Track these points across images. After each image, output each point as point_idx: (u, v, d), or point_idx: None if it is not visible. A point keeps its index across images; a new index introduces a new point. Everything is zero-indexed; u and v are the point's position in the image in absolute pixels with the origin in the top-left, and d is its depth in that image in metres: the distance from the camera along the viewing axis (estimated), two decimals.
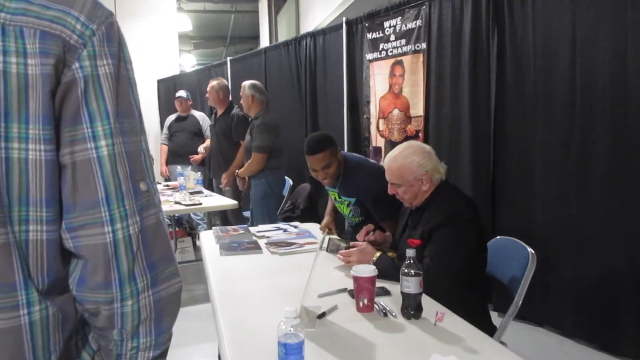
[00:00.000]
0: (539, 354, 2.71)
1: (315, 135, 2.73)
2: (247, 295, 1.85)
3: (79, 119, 0.68)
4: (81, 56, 0.68)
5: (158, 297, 0.74)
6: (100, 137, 0.69)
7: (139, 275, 0.72)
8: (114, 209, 0.70)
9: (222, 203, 4.14)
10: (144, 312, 0.73)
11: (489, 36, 3.23)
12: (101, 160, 0.69)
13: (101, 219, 0.69)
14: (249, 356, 1.37)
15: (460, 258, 1.85)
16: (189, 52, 12.92)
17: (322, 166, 2.54)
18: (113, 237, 0.70)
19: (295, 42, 5.32)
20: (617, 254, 2.66)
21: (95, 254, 0.69)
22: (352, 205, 2.63)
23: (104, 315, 0.72)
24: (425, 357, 1.29)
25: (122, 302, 0.71)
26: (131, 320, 0.73)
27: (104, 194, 0.69)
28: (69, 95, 0.67)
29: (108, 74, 0.70)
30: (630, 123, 2.56)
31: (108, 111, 0.69)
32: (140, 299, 0.72)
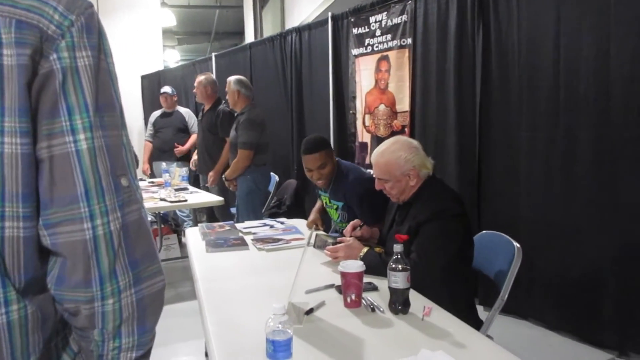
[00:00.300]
0: (524, 347, 2.74)
1: (312, 136, 2.78)
2: (233, 291, 1.84)
3: (57, 112, 0.66)
4: (59, 47, 0.65)
5: (141, 296, 0.72)
6: (79, 131, 0.67)
7: (121, 273, 0.70)
8: (93, 204, 0.67)
9: (207, 200, 4.11)
10: (125, 311, 0.71)
11: (474, 32, 3.24)
12: (80, 154, 0.67)
13: (80, 215, 0.67)
14: (236, 353, 1.36)
15: (447, 253, 1.86)
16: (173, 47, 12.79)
17: (317, 166, 2.58)
18: (93, 233, 0.67)
19: (280, 37, 5.30)
20: (600, 248, 2.69)
21: (74, 251, 0.67)
22: (340, 210, 2.64)
23: (84, 314, 0.69)
24: (413, 352, 1.30)
25: (102, 301, 0.69)
26: (112, 320, 0.70)
27: (83, 189, 0.67)
28: (47, 87, 0.65)
29: (87, 65, 0.68)
30: (612, 119, 2.59)
31: (87, 104, 0.67)
32: (121, 297, 0.70)
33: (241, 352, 1.36)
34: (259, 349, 1.24)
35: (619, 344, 2.66)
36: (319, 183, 2.67)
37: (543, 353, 2.76)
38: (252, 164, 3.97)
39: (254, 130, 3.91)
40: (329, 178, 2.62)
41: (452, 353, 1.29)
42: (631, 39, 2.48)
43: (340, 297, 1.67)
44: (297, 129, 5.18)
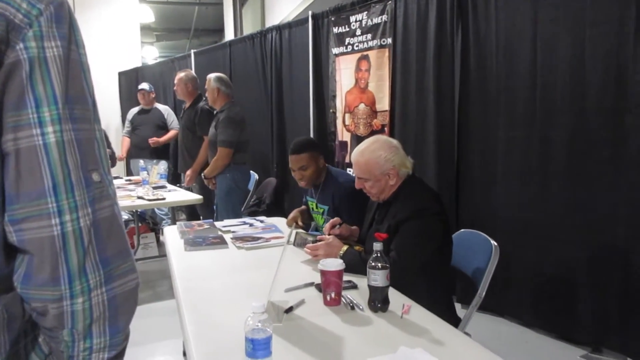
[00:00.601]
0: (501, 344, 2.78)
1: (301, 138, 2.85)
2: (212, 290, 1.83)
3: (24, 104, 0.63)
4: (26, 37, 0.63)
5: (112, 295, 0.70)
6: (47, 123, 0.64)
7: (91, 271, 0.67)
8: (62, 199, 0.65)
9: (186, 198, 4.07)
10: (96, 310, 0.68)
11: (453, 33, 3.28)
12: (48, 147, 0.64)
13: (47, 211, 0.64)
14: (215, 352, 1.35)
15: (426, 251, 1.88)
16: (152, 44, 12.64)
17: (298, 166, 2.62)
18: (61, 229, 0.65)
19: (260, 35, 5.27)
20: (574, 247, 2.75)
21: (42, 248, 0.64)
22: (326, 215, 2.65)
23: (52, 314, 0.67)
24: (392, 349, 1.30)
25: (71, 300, 0.66)
26: (82, 320, 0.68)
27: (50, 183, 0.64)
28: (12, 78, 0.63)
29: (56, 56, 0.65)
30: (588, 119, 2.64)
31: (56, 96, 0.65)
32: (92, 296, 0.67)
33: (220, 351, 1.35)
34: (238, 348, 1.23)
35: (592, 340, 2.72)
36: (301, 183, 2.70)
37: (519, 349, 2.81)
38: (232, 163, 3.94)
39: (234, 128, 3.88)
40: (310, 180, 2.65)
41: (431, 350, 1.30)
42: (605, 42, 2.53)
43: (319, 295, 1.67)
44: (277, 128, 5.16)
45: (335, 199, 2.59)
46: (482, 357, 1.30)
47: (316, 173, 2.65)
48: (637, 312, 2.49)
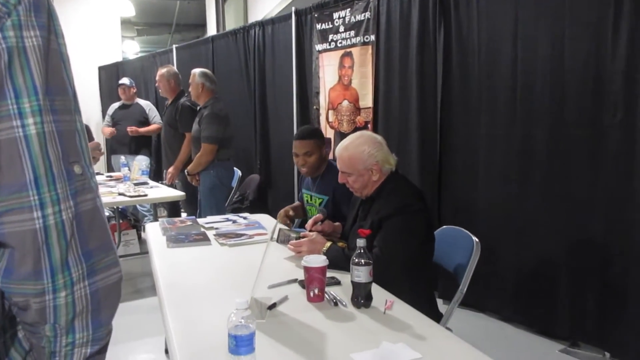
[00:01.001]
0: (481, 339, 2.81)
1: (307, 126, 2.98)
2: (195, 287, 1.82)
3: (3, 95, 0.61)
4: (5, 26, 0.61)
5: (95, 288, 0.69)
6: (28, 115, 0.63)
7: (73, 265, 0.66)
8: (44, 192, 0.63)
9: (168, 194, 4.04)
10: (79, 304, 0.67)
11: (436, 30, 3.30)
12: (28, 139, 0.63)
13: (29, 204, 0.63)
14: (198, 349, 1.34)
15: (409, 247, 1.89)
16: (132, 38, 12.47)
17: (303, 152, 2.65)
18: (43, 222, 0.63)
19: (243, 31, 5.25)
20: (554, 244, 2.80)
21: (23, 241, 0.63)
22: (322, 207, 2.65)
23: (34, 308, 0.65)
24: (375, 344, 1.31)
25: (54, 294, 0.65)
26: (65, 314, 0.67)
27: (32, 176, 0.63)
28: None
29: (35, 46, 0.64)
30: (566, 117, 2.68)
31: (36, 86, 0.63)
32: (75, 290, 0.66)
33: (203, 348, 1.35)
34: (221, 345, 1.23)
35: (570, 335, 2.77)
36: (303, 170, 2.72)
37: (500, 344, 2.85)
38: (216, 159, 3.91)
39: (218, 124, 3.86)
40: (312, 168, 2.67)
41: (413, 345, 1.31)
42: (584, 42, 2.58)
43: (303, 292, 1.68)
44: (260, 124, 5.14)
45: (336, 191, 2.59)
46: (463, 351, 1.32)
47: (319, 161, 2.67)
48: (614, 307, 2.55)
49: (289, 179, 4.70)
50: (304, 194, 2.82)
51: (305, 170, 2.70)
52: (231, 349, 1.13)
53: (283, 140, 4.82)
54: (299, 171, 2.83)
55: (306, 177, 2.78)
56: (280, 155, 4.92)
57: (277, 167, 5.05)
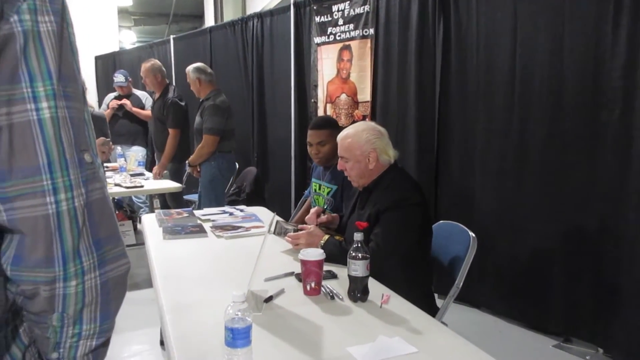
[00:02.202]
0: (476, 333, 2.83)
1: (323, 116, 3.05)
2: (191, 279, 1.82)
3: (18, 77, 0.61)
4: (20, 9, 0.61)
5: (105, 279, 0.68)
6: (42, 99, 0.62)
7: (85, 254, 0.65)
8: (57, 177, 0.62)
9: (164, 186, 4.03)
10: (89, 294, 0.66)
11: (435, 25, 3.29)
12: (42, 123, 0.62)
13: (42, 188, 0.62)
14: (193, 341, 1.34)
15: (406, 241, 1.89)
16: (129, 28, 12.38)
17: (318, 141, 2.64)
18: (56, 208, 0.62)
19: (241, 22, 5.21)
20: (549, 239, 2.81)
21: (35, 227, 0.62)
22: (330, 196, 2.65)
23: (43, 297, 0.64)
24: (371, 338, 1.32)
25: (65, 283, 0.64)
26: (74, 304, 0.66)
27: (45, 160, 0.62)
28: (6, 51, 0.60)
29: (50, 31, 0.63)
30: (564, 114, 2.68)
31: (50, 71, 0.63)
32: (85, 279, 0.66)
33: (199, 340, 1.35)
34: (216, 337, 1.23)
35: (563, 330, 2.79)
36: (316, 160, 2.73)
37: (494, 339, 2.86)
38: (217, 151, 3.91)
39: (220, 115, 3.84)
40: (326, 157, 2.66)
41: (409, 339, 1.32)
42: (583, 37, 2.57)
43: (299, 285, 1.68)
44: (257, 117, 5.13)
45: (346, 181, 2.58)
46: (458, 346, 1.33)
47: (332, 151, 2.66)
48: (607, 303, 2.57)
49: (286, 171, 4.69)
50: (313, 182, 2.82)
51: (319, 160, 2.70)
52: (227, 341, 1.13)
53: (280, 133, 4.80)
54: (314, 162, 2.81)
55: (319, 166, 2.78)
56: (278, 148, 4.91)
57: (274, 159, 5.04)
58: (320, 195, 2.72)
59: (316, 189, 2.77)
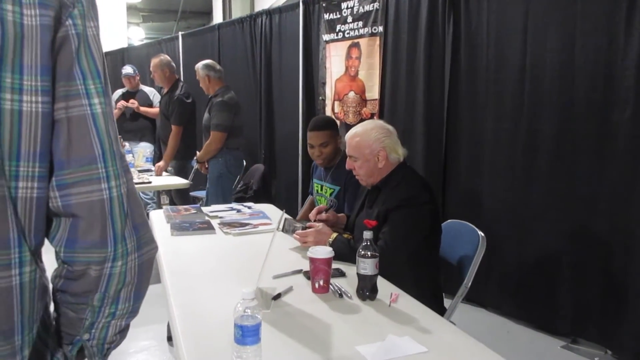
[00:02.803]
0: (483, 333, 2.80)
1: (321, 116, 2.98)
2: (199, 275, 1.82)
3: (72, 76, 0.68)
4: (73, 14, 0.68)
5: (142, 261, 0.75)
6: (93, 95, 0.69)
7: (129, 236, 0.72)
8: (109, 166, 0.70)
9: (172, 182, 4.03)
10: (129, 274, 0.73)
11: (445, 23, 3.27)
12: (95, 117, 0.69)
13: (98, 176, 0.69)
14: (202, 337, 1.34)
15: (415, 240, 1.88)
16: (138, 25, 12.43)
17: (319, 143, 2.63)
18: (109, 194, 0.69)
19: (250, 19, 5.21)
20: (557, 239, 2.79)
21: (92, 211, 0.68)
22: (333, 197, 2.64)
23: (92, 276, 0.70)
24: (380, 337, 1.31)
25: (113, 262, 0.71)
26: (116, 283, 0.72)
27: (100, 150, 0.69)
28: (63, 51, 0.67)
29: (95, 35, 0.71)
30: (575, 113, 2.66)
31: (99, 70, 0.70)
32: (128, 260, 0.72)
33: (207, 337, 1.34)
34: (225, 334, 1.23)
35: (571, 331, 2.77)
36: (318, 161, 2.71)
37: (502, 339, 2.85)
38: (225, 147, 3.90)
39: (228, 112, 3.84)
40: (328, 158, 2.66)
41: (418, 338, 1.31)
42: (595, 36, 2.55)
43: (307, 283, 1.67)
44: (265, 114, 5.13)
45: (348, 182, 2.57)
46: (468, 346, 1.32)
47: (334, 152, 2.67)
48: (615, 305, 2.54)
49: (294, 169, 4.69)
50: (315, 183, 2.80)
51: (321, 162, 2.69)
52: (237, 339, 1.12)
53: (288, 131, 4.80)
54: (314, 162, 2.79)
55: (320, 167, 2.76)
56: (285, 145, 4.90)
57: (281, 157, 5.04)
58: (323, 196, 2.72)
59: (318, 189, 2.76)
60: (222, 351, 1.22)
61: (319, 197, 2.76)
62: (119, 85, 5.91)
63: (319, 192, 2.76)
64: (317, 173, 2.81)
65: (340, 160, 2.67)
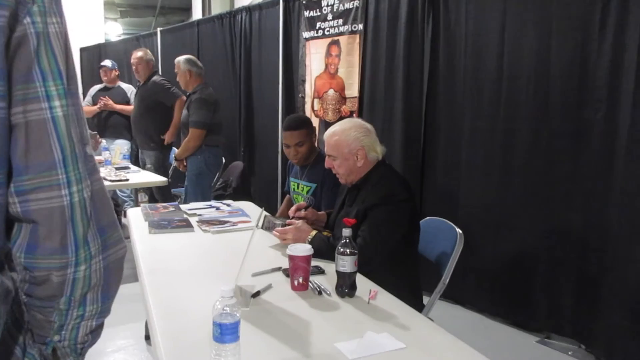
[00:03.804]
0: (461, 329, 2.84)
1: (296, 115, 2.96)
2: (178, 274, 1.80)
3: (32, 77, 0.65)
4: (31, 11, 0.65)
5: (107, 262, 0.73)
6: (54, 97, 0.67)
7: (92, 240, 0.71)
8: (70, 171, 0.68)
9: (150, 180, 3.99)
10: (94, 277, 0.72)
11: (424, 21, 3.29)
12: (56, 121, 0.67)
13: (58, 182, 0.67)
14: (180, 336, 1.33)
15: (393, 237, 1.90)
16: (115, 20, 12.24)
17: (295, 142, 2.61)
18: (70, 200, 0.67)
19: (230, 16, 5.17)
20: (533, 237, 2.83)
21: (51, 217, 0.67)
22: (309, 195, 2.64)
23: (55, 282, 0.69)
24: (359, 334, 1.32)
25: (76, 267, 0.69)
26: (81, 287, 0.71)
27: (60, 155, 0.67)
28: (21, 51, 0.64)
29: (58, 32, 0.68)
30: (550, 112, 2.71)
31: (60, 71, 0.67)
32: (92, 263, 0.71)
33: (186, 335, 1.33)
34: (204, 332, 1.22)
35: (546, 327, 2.82)
36: (295, 161, 2.70)
37: (478, 335, 2.88)
38: (204, 144, 3.88)
39: (207, 109, 3.82)
40: (304, 157, 2.65)
41: (397, 335, 1.32)
42: (571, 36, 2.59)
43: (287, 280, 1.67)
44: (245, 111, 5.10)
45: (325, 179, 2.56)
46: (446, 342, 1.33)
47: (310, 151, 2.66)
48: (589, 300, 2.60)
49: (273, 166, 4.68)
50: (291, 181, 2.80)
51: (297, 161, 2.68)
52: (215, 337, 1.12)
53: (267, 128, 4.78)
54: (290, 161, 2.78)
55: (296, 165, 2.76)
56: (264, 142, 4.89)
57: (260, 154, 5.02)
58: (299, 194, 2.71)
59: (295, 188, 2.76)
60: (200, 350, 1.22)
61: (296, 195, 2.76)
62: (96, 80, 5.82)
63: (295, 190, 2.75)
64: (293, 171, 2.81)
65: (316, 158, 2.67)
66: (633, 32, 2.32)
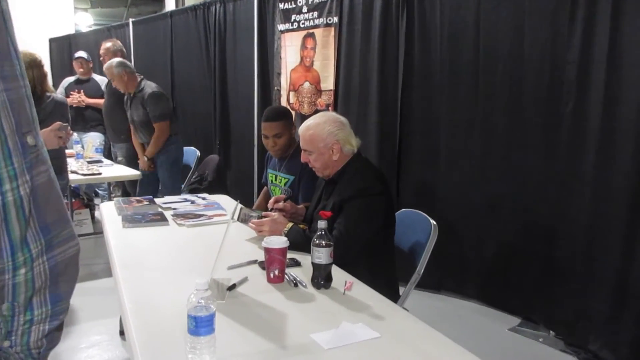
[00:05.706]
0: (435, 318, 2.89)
1: (275, 106, 2.93)
2: (152, 268, 1.78)
3: None
4: None
5: (54, 263, 0.67)
6: None
7: (32, 241, 0.64)
8: (2, 167, 0.60)
9: (123, 173, 3.93)
10: (38, 280, 0.65)
11: (399, 14, 3.30)
12: None
13: None
14: (155, 330, 1.32)
15: (369, 230, 1.91)
16: (86, 10, 11.95)
17: (274, 134, 2.60)
18: (2, 200, 0.60)
19: (204, 7, 5.10)
20: (509, 225, 2.90)
21: None
22: (287, 187, 2.63)
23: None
24: (334, 325, 1.33)
25: (14, 272, 0.63)
26: (24, 292, 0.65)
27: None
28: None
29: None
30: (524, 105, 2.76)
31: None
32: (34, 266, 0.64)
33: (160, 329, 1.33)
34: (179, 326, 1.21)
35: (522, 308, 2.90)
36: (273, 152, 2.69)
37: (452, 323, 2.93)
38: (172, 133, 3.93)
39: (164, 100, 3.89)
40: (283, 148, 2.64)
41: (372, 325, 1.34)
42: (542, 31, 2.64)
43: (263, 273, 1.67)
44: (219, 104, 5.05)
45: (303, 171, 2.55)
46: (419, 330, 1.35)
47: (288, 142, 2.64)
48: (558, 288, 2.67)
49: (249, 159, 4.66)
50: (269, 173, 2.79)
51: (276, 152, 2.67)
52: (190, 329, 1.11)
53: (243, 121, 4.75)
54: (268, 152, 2.77)
55: (274, 157, 2.75)
56: (240, 135, 4.85)
57: (236, 147, 4.99)
58: (277, 186, 2.71)
59: (272, 179, 2.76)
60: (176, 344, 1.21)
61: (274, 187, 2.75)
62: (66, 72, 5.68)
63: (273, 182, 2.75)
64: (271, 163, 2.80)
65: (294, 150, 2.67)
66: (603, 25, 2.37)
